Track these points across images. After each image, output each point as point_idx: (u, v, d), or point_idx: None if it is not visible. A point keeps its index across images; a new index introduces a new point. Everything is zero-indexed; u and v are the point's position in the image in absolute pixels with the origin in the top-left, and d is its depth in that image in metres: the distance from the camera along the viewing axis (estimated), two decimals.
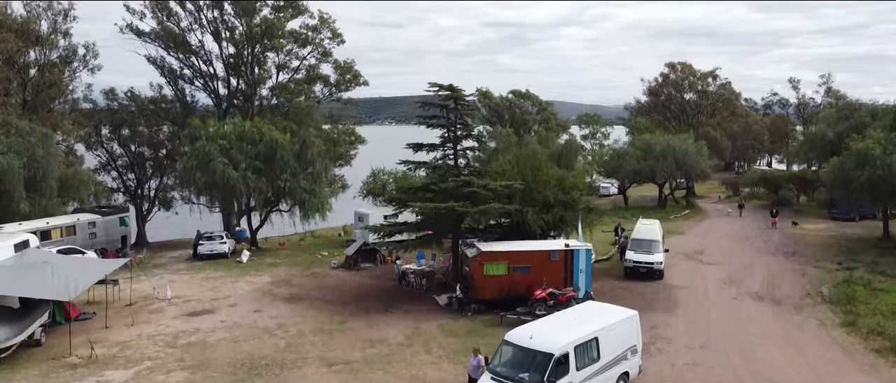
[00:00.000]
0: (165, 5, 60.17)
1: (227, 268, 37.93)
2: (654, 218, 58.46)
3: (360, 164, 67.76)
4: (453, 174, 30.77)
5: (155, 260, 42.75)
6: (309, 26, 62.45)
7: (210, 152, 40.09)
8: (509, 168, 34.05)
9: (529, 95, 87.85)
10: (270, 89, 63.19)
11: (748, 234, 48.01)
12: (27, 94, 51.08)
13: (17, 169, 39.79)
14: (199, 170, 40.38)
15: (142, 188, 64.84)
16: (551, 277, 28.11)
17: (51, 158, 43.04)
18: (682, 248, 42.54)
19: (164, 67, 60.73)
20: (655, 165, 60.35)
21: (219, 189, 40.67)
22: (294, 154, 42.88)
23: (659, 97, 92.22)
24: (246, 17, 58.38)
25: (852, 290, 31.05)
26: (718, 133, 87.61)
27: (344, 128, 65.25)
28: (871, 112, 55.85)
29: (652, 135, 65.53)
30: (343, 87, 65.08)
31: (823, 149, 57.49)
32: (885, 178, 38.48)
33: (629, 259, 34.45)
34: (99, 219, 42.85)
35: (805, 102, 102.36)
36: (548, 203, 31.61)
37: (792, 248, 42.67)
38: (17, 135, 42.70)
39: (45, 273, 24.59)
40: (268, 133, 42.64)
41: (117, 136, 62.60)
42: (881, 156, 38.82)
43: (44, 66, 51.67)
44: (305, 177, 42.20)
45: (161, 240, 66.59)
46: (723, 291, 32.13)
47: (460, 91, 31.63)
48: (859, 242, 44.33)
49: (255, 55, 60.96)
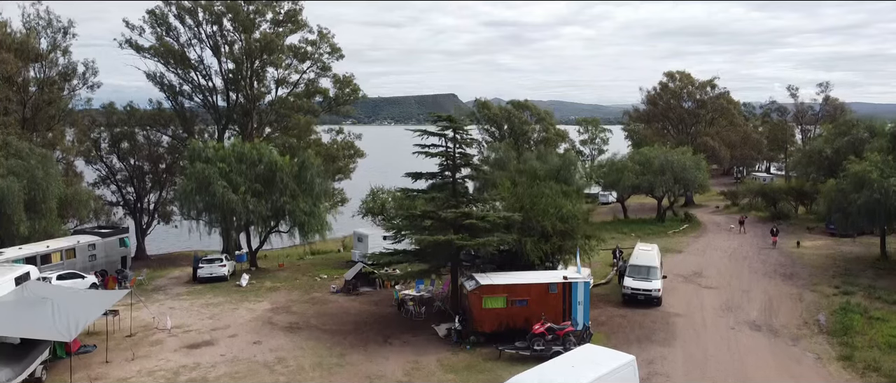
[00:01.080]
0: (164, 20, 60.44)
1: (227, 292, 38.01)
2: (653, 231, 59.22)
3: (359, 168, 67.85)
4: (452, 205, 30.89)
5: (155, 280, 42.84)
6: (308, 41, 62.79)
7: (210, 175, 40.22)
8: (508, 195, 34.14)
9: (528, 105, 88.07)
10: (270, 104, 63.40)
11: (747, 253, 48.17)
12: (26, 111, 51.18)
13: (16, 192, 39.96)
14: (199, 194, 40.53)
15: (141, 202, 65.11)
16: (549, 310, 28.24)
17: (50, 180, 43.19)
18: (680, 269, 42.70)
19: (163, 83, 61.03)
20: (654, 180, 60.50)
21: (218, 211, 40.81)
22: (293, 175, 43.02)
23: (657, 106, 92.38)
24: (245, 33, 58.55)
25: (849, 319, 31.21)
26: (717, 143, 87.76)
27: (343, 142, 65.35)
28: (868, 128, 56.14)
29: (650, 149, 65.60)
30: (342, 100, 65.35)
31: (821, 164, 57.83)
32: (881, 202, 38.70)
33: (627, 286, 34.59)
34: (99, 241, 42.94)
35: (803, 109, 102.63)
36: (546, 233, 31.71)
37: (790, 269, 42.83)
38: (16, 157, 42.87)
39: (45, 311, 24.67)
40: (267, 155, 42.77)
41: (116, 150, 62.84)
42: (878, 179, 39.04)
43: (43, 83, 51.75)
44: (304, 199, 42.32)
45: (161, 254, 66.87)
46: (720, 320, 32.26)
47: (459, 121, 31.79)
48: (857, 262, 44.50)
49: (255, 70, 61.17)
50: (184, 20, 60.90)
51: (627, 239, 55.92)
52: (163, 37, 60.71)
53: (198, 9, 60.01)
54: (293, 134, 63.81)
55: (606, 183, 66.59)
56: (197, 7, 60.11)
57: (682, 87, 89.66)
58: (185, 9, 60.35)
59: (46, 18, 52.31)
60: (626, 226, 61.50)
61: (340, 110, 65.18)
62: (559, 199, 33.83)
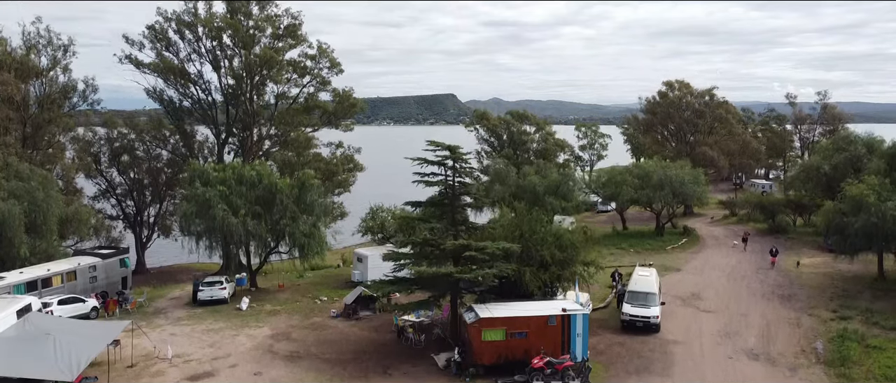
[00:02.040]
0: (164, 35, 60.58)
1: (227, 317, 38.15)
2: (651, 246, 59.41)
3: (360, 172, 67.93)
4: (451, 235, 31.06)
5: (154, 301, 42.96)
6: (308, 55, 62.93)
7: (210, 198, 40.37)
8: (507, 223, 34.28)
9: (527, 116, 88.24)
10: (269, 119, 63.56)
11: (745, 272, 48.35)
12: (27, 129, 51.33)
13: (17, 215, 40.21)
14: (199, 216, 40.69)
15: (141, 215, 65.32)
16: (548, 342, 28.44)
17: (51, 201, 43.46)
18: (678, 290, 42.87)
19: (162, 98, 61.18)
20: (652, 195, 60.69)
21: (218, 234, 40.95)
22: (293, 197, 43.15)
23: (656, 115, 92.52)
24: (245, 48, 58.67)
25: (846, 348, 31.42)
26: (716, 152, 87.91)
27: (342, 156, 65.46)
28: (866, 144, 56.35)
29: (649, 162, 65.78)
30: (342, 114, 65.51)
31: (819, 181, 58.04)
32: (879, 225, 38.91)
33: (626, 312, 34.77)
34: (99, 263, 43.07)
35: (802, 118, 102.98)
36: (545, 262, 31.87)
37: (788, 290, 43.04)
38: (17, 179, 43.06)
39: (47, 347, 24.83)
40: (267, 177, 42.90)
41: (117, 164, 63.04)
42: (875, 203, 39.25)
43: (43, 101, 51.89)
44: (304, 221, 42.46)
45: (161, 267, 67.08)
46: (718, 348, 32.45)
47: (458, 150, 31.93)
48: (854, 282, 44.70)
49: (255, 85, 61.28)
50: (183, 35, 61.09)
51: (626, 255, 56.23)
52: (162, 52, 60.97)
53: (198, 24, 60.17)
54: (293, 147, 64.06)
55: (606, 194, 66.73)
56: (197, 22, 60.28)
57: (681, 97, 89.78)
58: (184, 23, 60.48)
59: (47, 36, 52.50)
60: (624, 240, 61.65)
61: (340, 124, 65.30)
62: (558, 227, 33.91)
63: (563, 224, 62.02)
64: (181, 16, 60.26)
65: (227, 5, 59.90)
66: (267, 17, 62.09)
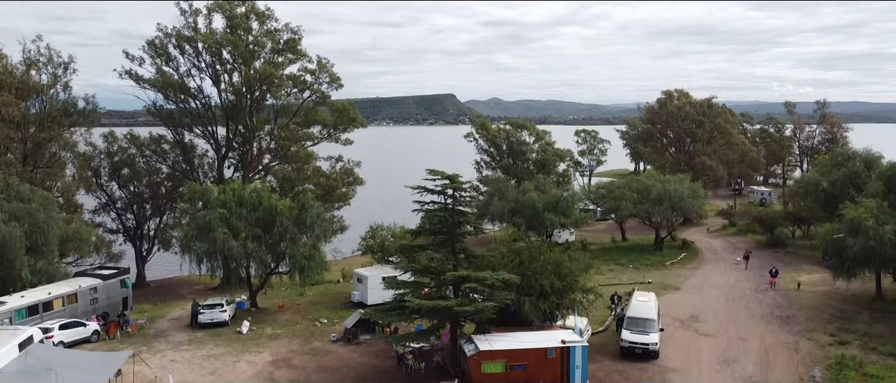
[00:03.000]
0: (164, 50, 60.75)
1: (228, 341, 38.25)
2: (650, 261, 59.58)
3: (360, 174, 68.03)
4: (451, 266, 31.21)
5: (155, 323, 43.10)
6: (307, 70, 63.11)
7: (210, 221, 40.51)
8: (505, 251, 34.44)
9: (526, 124, 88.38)
10: (269, 134, 63.71)
11: (744, 291, 48.50)
12: (27, 148, 51.45)
13: (18, 237, 40.29)
14: (200, 239, 40.83)
15: (141, 228, 65.39)
16: (548, 374, 28.66)
17: (52, 222, 43.56)
18: (677, 311, 43.02)
19: (162, 113, 61.35)
20: (651, 209, 60.87)
21: (219, 257, 41.09)
22: (293, 218, 43.30)
23: (655, 126, 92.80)
24: (245, 65, 58.82)
25: (844, 377, 31.60)
26: (715, 162, 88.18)
27: (342, 170, 65.58)
28: (865, 160, 56.53)
29: (648, 176, 65.94)
30: (341, 128, 65.69)
31: (817, 196, 58.24)
32: (876, 249, 39.11)
33: (625, 339, 34.90)
34: (100, 284, 43.15)
35: (800, 126, 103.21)
36: (544, 292, 32.03)
37: (786, 312, 43.20)
38: (18, 200, 43.17)
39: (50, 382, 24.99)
40: (267, 199, 43.04)
41: (117, 178, 63.10)
42: (874, 227, 39.43)
43: (43, 120, 52.00)
44: (304, 243, 42.63)
45: (160, 279, 67.22)
46: (717, 375, 32.61)
47: (458, 179, 32.10)
48: (853, 302, 44.87)
49: (254, 100, 61.42)
50: (183, 50, 61.26)
51: (625, 271, 56.39)
52: (162, 67, 61.12)
53: (197, 39, 60.35)
54: (293, 161, 64.20)
55: (605, 208, 66.92)
56: (197, 37, 60.46)
57: (681, 106, 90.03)
58: (184, 38, 60.65)
59: (47, 55, 52.65)
60: (623, 255, 61.79)
61: (339, 139, 65.47)
62: (557, 254, 34.08)
63: (563, 237, 62.93)
64: (181, 31, 60.49)
65: (226, 21, 60.04)
66: (267, 31, 62.26)
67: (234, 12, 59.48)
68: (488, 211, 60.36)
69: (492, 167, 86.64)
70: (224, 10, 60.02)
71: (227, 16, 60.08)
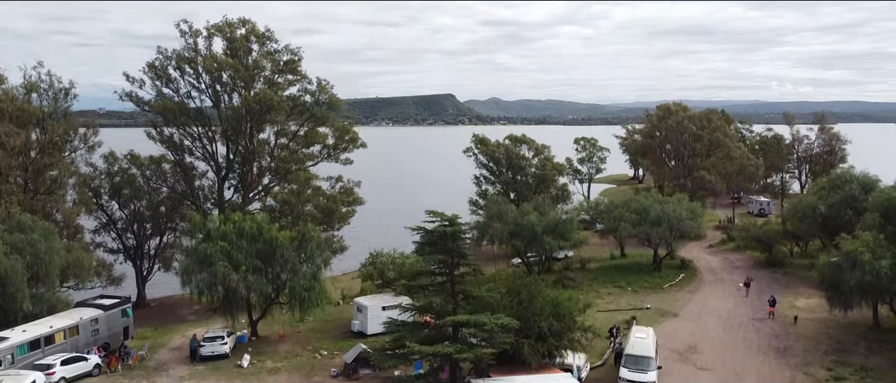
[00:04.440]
0: (164, 72, 61.04)
1: (229, 376, 38.48)
2: (649, 283, 59.78)
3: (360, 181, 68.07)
4: (451, 308, 31.47)
5: (156, 353, 43.36)
6: (307, 91, 63.40)
7: (211, 254, 40.73)
8: (504, 291, 34.69)
9: (525, 139, 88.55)
10: (269, 154, 63.93)
11: (741, 319, 48.72)
12: (28, 175, 51.64)
13: (20, 271, 40.55)
14: (200, 272, 41.03)
15: (141, 248, 65.57)
16: None
17: (53, 253, 43.78)
18: (675, 341, 43.27)
19: (162, 136, 61.62)
20: (650, 231, 61.11)
21: (219, 290, 41.30)
22: (293, 249, 43.53)
23: (654, 139, 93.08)
24: (245, 89, 59.06)
25: None
26: (714, 176, 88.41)
27: (342, 191, 65.74)
28: (862, 184, 56.77)
29: (646, 197, 66.14)
30: (342, 147, 65.87)
31: (815, 220, 58.50)
32: (873, 283, 39.39)
33: (624, 377, 35.11)
34: (101, 315, 43.38)
35: (799, 138, 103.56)
36: (542, 334, 32.29)
37: (783, 342, 43.46)
38: (19, 231, 43.38)
39: None
40: (267, 231, 43.24)
41: (117, 198, 63.30)
42: (870, 261, 39.68)
43: (44, 146, 52.18)
44: (304, 274, 42.87)
45: (162, 297, 67.46)
46: None
47: (458, 221, 32.36)
48: (850, 331, 45.11)
49: (255, 121, 61.60)
50: (183, 71, 61.54)
51: (623, 294, 56.61)
52: (162, 89, 61.41)
53: (197, 60, 60.63)
54: (293, 181, 64.38)
55: (605, 228, 67.16)
56: (197, 58, 60.75)
57: (679, 121, 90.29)
58: (185, 59, 60.93)
59: (48, 81, 52.86)
60: (622, 276, 61.94)
61: (339, 159, 65.66)
62: (556, 294, 34.34)
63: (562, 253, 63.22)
64: (181, 52, 60.78)
65: (227, 43, 60.28)
66: (267, 52, 62.57)
67: (235, 35, 59.74)
68: (487, 233, 60.62)
69: (491, 181, 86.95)
70: (224, 33, 60.30)
71: (227, 38, 60.36)
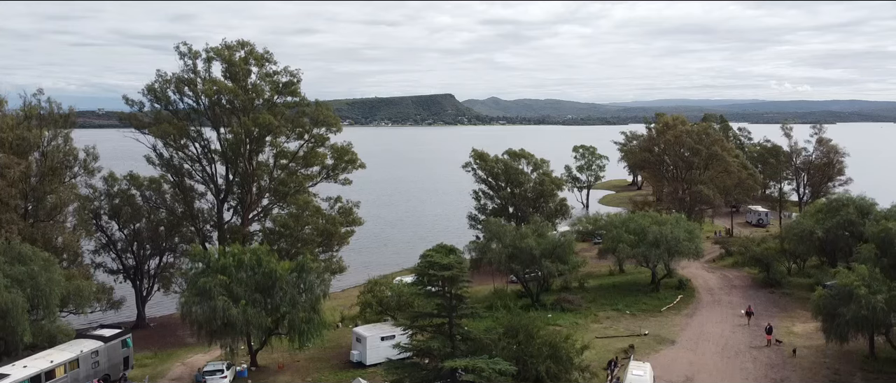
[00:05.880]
0: (163, 94, 61.29)
1: None
2: (647, 305, 60.03)
3: (359, 184, 68.16)
4: (448, 352, 31.70)
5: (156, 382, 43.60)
6: (306, 112, 63.65)
7: (211, 289, 40.93)
8: (502, 332, 34.92)
9: (524, 154, 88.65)
10: (268, 174, 64.16)
11: (739, 347, 48.91)
12: (28, 203, 51.80)
13: (21, 304, 40.69)
14: (200, 306, 41.22)
15: (141, 268, 65.74)
16: None
17: (53, 284, 43.90)
18: (673, 372, 43.49)
19: (162, 159, 61.84)
20: (648, 252, 61.36)
21: (219, 323, 41.47)
22: (292, 280, 43.75)
23: (653, 153, 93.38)
24: (244, 113, 59.26)
25: None
26: (711, 191, 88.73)
27: (340, 211, 65.90)
28: (859, 208, 57.06)
29: (644, 217, 66.39)
30: (341, 168, 66.12)
31: (812, 243, 58.77)
32: (869, 318, 39.66)
33: None
34: (101, 347, 43.56)
35: (797, 150, 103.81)
36: (540, 378, 32.53)
37: (780, 373, 43.69)
38: (19, 262, 43.54)
39: None
40: (266, 262, 43.45)
41: (117, 218, 63.48)
42: (866, 295, 39.93)
43: (44, 174, 52.32)
44: (303, 307, 43.10)
45: (162, 316, 67.67)
46: None
47: (458, 263, 32.59)
48: (846, 360, 45.33)
49: (254, 143, 61.84)
50: (183, 93, 61.81)
51: (621, 318, 56.82)
52: (162, 111, 61.64)
53: (197, 82, 60.92)
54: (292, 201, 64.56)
55: (604, 248, 67.44)
56: (196, 80, 61.03)
57: (678, 135, 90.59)
58: (184, 81, 61.20)
59: (47, 108, 53.03)
60: (620, 298, 62.14)
61: (338, 179, 65.92)
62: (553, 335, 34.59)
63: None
64: (181, 75, 61.05)
65: (226, 67, 60.51)
66: (265, 74, 62.84)
67: (233, 59, 59.96)
68: (486, 256, 60.84)
69: (490, 196, 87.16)
70: (223, 56, 60.54)
71: (226, 61, 60.60)
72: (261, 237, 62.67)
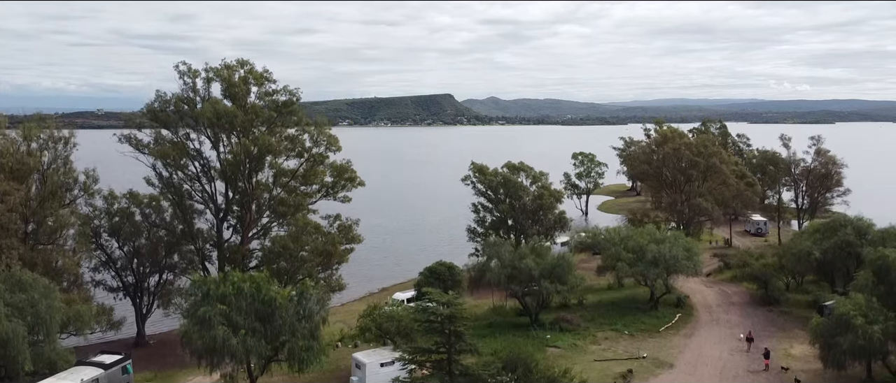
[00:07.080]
0: (164, 113, 61.44)
1: None
2: (645, 325, 60.28)
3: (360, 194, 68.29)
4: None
5: None
6: (305, 130, 63.76)
7: (211, 318, 41.04)
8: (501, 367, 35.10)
9: (523, 167, 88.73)
10: (268, 193, 64.26)
11: (737, 371, 49.11)
12: (28, 227, 51.93)
13: (21, 334, 40.84)
14: (200, 335, 41.31)
15: (141, 285, 65.81)
16: None
17: (53, 311, 44.06)
18: None
19: (162, 178, 61.94)
20: (646, 271, 61.59)
21: (220, 354, 41.59)
22: (292, 308, 43.84)
23: (651, 165, 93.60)
24: (244, 135, 59.39)
25: None
26: (709, 203, 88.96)
27: (339, 229, 65.98)
28: (856, 228, 57.25)
29: (642, 235, 66.55)
30: (340, 186, 66.20)
31: (810, 264, 58.99)
32: (866, 348, 39.86)
33: None
34: (101, 375, 43.74)
35: (795, 160, 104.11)
36: None
37: None
38: (19, 290, 43.68)
39: None
40: (266, 289, 43.54)
41: (116, 237, 63.54)
42: (862, 325, 40.13)
43: (44, 198, 52.43)
44: (303, 335, 43.19)
45: (162, 333, 67.78)
46: None
47: (456, 301, 32.79)
48: None
49: (253, 162, 61.91)
50: (182, 113, 61.90)
51: (620, 339, 57.00)
52: (161, 131, 61.75)
53: (196, 101, 61.07)
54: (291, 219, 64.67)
55: (602, 266, 67.69)
56: (195, 100, 61.16)
57: (676, 148, 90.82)
58: (184, 100, 61.35)
59: (47, 132, 53.14)
60: (619, 317, 62.29)
61: (336, 197, 66.00)
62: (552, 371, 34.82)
63: None
64: (180, 95, 61.18)
65: (225, 87, 60.63)
66: (264, 93, 62.95)
67: (232, 80, 60.07)
68: (485, 276, 61.04)
69: (489, 209, 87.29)
70: (222, 76, 60.67)
71: (225, 82, 60.70)
72: (260, 256, 62.76)
